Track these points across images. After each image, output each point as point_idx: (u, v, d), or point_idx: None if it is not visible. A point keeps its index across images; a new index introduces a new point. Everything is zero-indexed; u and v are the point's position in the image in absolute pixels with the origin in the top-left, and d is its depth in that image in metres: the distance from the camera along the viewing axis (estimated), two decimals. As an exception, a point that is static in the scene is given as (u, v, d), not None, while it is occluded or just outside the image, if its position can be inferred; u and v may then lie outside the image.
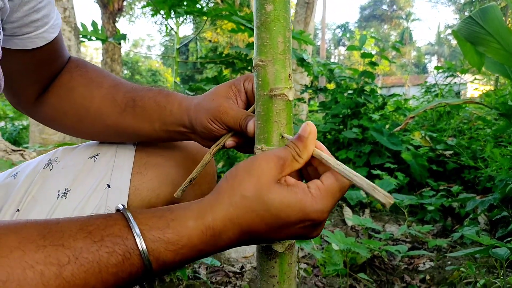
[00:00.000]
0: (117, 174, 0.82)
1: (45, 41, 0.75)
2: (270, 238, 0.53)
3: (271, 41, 0.56)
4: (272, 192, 0.50)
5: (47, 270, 0.42)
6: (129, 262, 0.46)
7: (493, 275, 1.47)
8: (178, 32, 3.44)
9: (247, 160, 0.54)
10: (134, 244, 0.47)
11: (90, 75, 0.84)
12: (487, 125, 3.31)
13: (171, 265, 0.49)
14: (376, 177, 2.96)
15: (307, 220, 0.51)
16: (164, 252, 0.48)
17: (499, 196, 2.02)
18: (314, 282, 1.66)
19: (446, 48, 46.28)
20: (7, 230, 0.45)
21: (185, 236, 0.49)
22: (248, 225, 0.51)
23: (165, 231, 0.48)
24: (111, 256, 0.45)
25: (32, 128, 3.80)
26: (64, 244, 0.45)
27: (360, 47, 3.84)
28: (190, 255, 0.50)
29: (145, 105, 0.77)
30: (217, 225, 0.50)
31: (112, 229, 0.48)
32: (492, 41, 1.89)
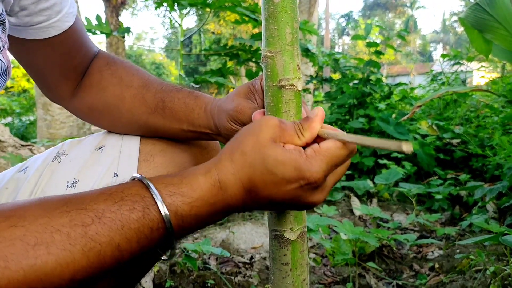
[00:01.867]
0: (124, 162, 0.83)
1: (60, 30, 0.76)
2: (270, 199, 0.54)
3: (279, 32, 0.56)
4: (268, 148, 0.52)
5: (72, 232, 0.44)
6: (149, 217, 0.48)
7: (502, 262, 1.47)
8: (182, 25, 3.44)
9: (250, 124, 0.57)
10: (152, 200, 0.49)
11: (120, 73, 0.85)
12: (495, 112, 3.28)
13: (188, 219, 0.51)
14: (383, 167, 2.96)
15: (301, 179, 0.52)
16: (181, 206, 0.50)
17: (508, 184, 2.02)
18: (323, 272, 1.67)
19: (452, 36, 45.86)
20: (30, 203, 0.47)
21: (198, 189, 0.52)
22: (247, 179, 0.53)
23: (180, 186, 0.51)
24: (131, 213, 0.48)
25: (40, 123, 3.82)
26: (87, 207, 0.47)
27: (365, 36, 3.82)
28: (204, 210, 0.52)
29: (175, 107, 0.79)
30: (221, 179, 0.53)
31: (131, 190, 0.50)
32: (500, 28, 1.88)
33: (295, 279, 0.62)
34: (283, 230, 0.61)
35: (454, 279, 1.48)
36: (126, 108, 0.83)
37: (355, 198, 2.68)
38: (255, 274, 1.60)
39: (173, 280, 1.49)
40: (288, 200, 0.54)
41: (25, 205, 0.46)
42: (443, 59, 4.60)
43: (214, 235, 2.04)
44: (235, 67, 4.19)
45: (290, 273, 0.62)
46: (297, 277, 0.62)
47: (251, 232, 2.11)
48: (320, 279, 1.60)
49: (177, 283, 1.48)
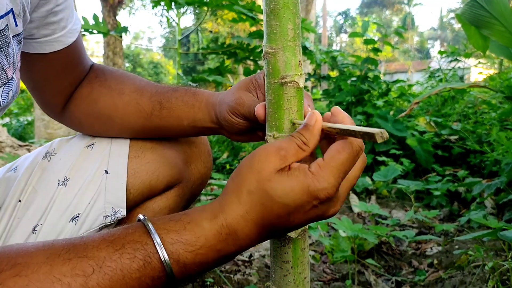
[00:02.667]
0: (114, 159, 0.83)
1: (63, 45, 0.76)
2: (286, 227, 0.53)
3: (281, 28, 0.56)
4: (272, 182, 0.51)
5: (73, 282, 0.44)
6: (150, 266, 0.48)
7: (501, 258, 1.48)
8: (179, 24, 3.43)
9: (249, 156, 0.55)
10: (153, 248, 0.48)
11: (109, 83, 0.85)
12: (492, 109, 3.29)
13: (192, 266, 0.50)
14: (382, 164, 2.97)
15: (314, 199, 0.51)
16: (184, 254, 0.49)
17: (506, 180, 2.02)
18: (323, 269, 1.67)
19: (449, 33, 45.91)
20: (36, 249, 0.47)
21: (202, 237, 0.50)
22: (260, 218, 0.51)
23: (182, 233, 0.50)
24: (132, 262, 0.47)
25: (37, 124, 3.81)
26: (88, 255, 0.46)
27: (363, 34, 3.82)
28: (210, 256, 0.51)
29: (172, 106, 0.79)
30: (230, 223, 0.51)
31: (132, 236, 0.49)
32: (497, 24, 1.88)
33: (296, 277, 0.62)
34: (284, 227, 0.61)
35: (453, 275, 1.49)
36: (119, 116, 0.83)
37: (353, 195, 2.68)
38: (254, 272, 1.60)
39: (173, 278, 1.49)
40: (305, 221, 0.53)
41: (31, 251, 0.47)
42: (440, 56, 4.60)
43: (213, 233, 2.04)
44: (233, 66, 4.19)
45: (292, 271, 0.62)
46: (298, 275, 0.62)
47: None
48: (320, 277, 1.60)
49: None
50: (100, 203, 0.80)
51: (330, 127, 0.54)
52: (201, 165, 0.96)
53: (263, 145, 0.56)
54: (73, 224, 0.78)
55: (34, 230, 0.77)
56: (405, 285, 1.52)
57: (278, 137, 0.59)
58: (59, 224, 0.77)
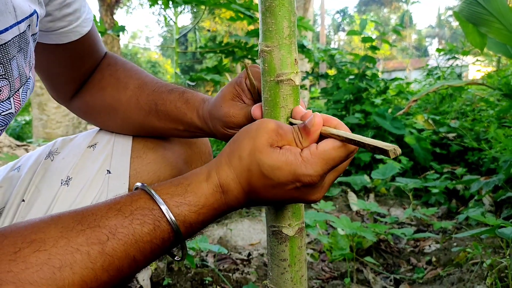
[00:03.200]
0: (116, 159, 0.84)
1: (79, 35, 0.77)
2: (268, 198, 0.56)
3: (277, 26, 0.56)
4: (263, 154, 0.53)
5: (91, 250, 0.47)
6: (160, 229, 0.51)
7: (499, 255, 1.48)
8: (177, 22, 3.42)
9: (250, 124, 0.57)
10: (160, 212, 0.51)
11: (119, 74, 0.86)
12: (490, 106, 3.29)
13: (195, 225, 0.54)
14: (380, 162, 2.97)
15: (297, 181, 0.53)
16: (189, 214, 0.53)
17: (504, 177, 2.02)
18: (321, 267, 1.68)
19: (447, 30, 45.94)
20: (46, 224, 0.49)
21: (202, 196, 0.54)
22: (247, 183, 0.55)
23: (185, 196, 0.53)
24: (143, 227, 0.50)
25: (35, 123, 3.80)
26: (100, 224, 0.49)
27: (361, 32, 3.82)
28: (209, 214, 0.55)
29: (167, 110, 0.79)
30: (222, 183, 0.55)
31: (138, 203, 0.52)
32: (494, 21, 1.88)
33: (293, 275, 0.62)
34: (281, 226, 0.61)
35: (451, 272, 1.49)
36: (122, 110, 0.84)
37: (352, 193, 2.68)
38: (252, 271, 1.60)
39: (171, 277, 1.49)
40: (286, 199, 0.56)
41: (43, 227, 0.48)
42: (438, 54, 4.61)
43: (211, 233, 2.04)
44: (231, 64, 4.19)
45: (289, 269, 0.62)
46: (295, 273, 0.62)
47: (248, 229, 2.11)
48: (318, 275, 1.60)
49: (175, 281, 1.48)
50: None
51: (336, 134, 0.53)
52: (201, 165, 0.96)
53: (263, 118, 0.58)
54: None
55: None
56: (403, 282, 1.52)
57: (274, 135, 0.59)
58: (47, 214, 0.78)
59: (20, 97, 0.62)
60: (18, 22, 0.57)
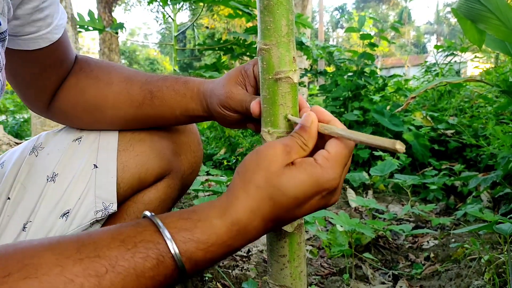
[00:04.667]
0: (103, 153, 0.82)
1: (48, 42, 0.74)
2: (292, 218, 0.55)
3: (275, 24, 0.56)
4: (283, 177, 0.52)
5: (86, 282, 0.44)
6: (163, 265, 0.48)
7: (497, 251, 1.49)
8: (175, 20, 3.42)
9: (254, 152, 0.55)
10: (166, 247, 0.48)
11: (96, 73, 0.84)
12: (488, 103, 3.30)
13: (202, 263, 0.51)
14: (378, 158, 2.98)
15: (323, 190, 0.53)
16: (196, 252, 0.49)
17: (502, 173, 2.03)
18: (320, 263, 1.68)
19: (446, 27, 45.91)
20: (43, 248, 0.46)
21: (213, 234, 0.50)
22: (269, 212, 0.52)
23: (194, 232, 0.50)
24: (146, 261, 0.47)
25: (34, 121, 3.80)
26: (100, 254, 0.46)
27: (359, 29, 3.82)
28: (220, 252, 0.51)
29: (164, 96, 0.78)
30: (240, 219, 0.51)
31: (143, 235, 0.49)
32: (493, 18, 1.88)
33: (292, 271, 0.62)
34: (280, 222, 0.62)
35: (449, 268, 1.50)
36: (110, 106, 0.82)
37: (350, 190, 2.69)
38: (252, 267, 1.61)
39: (171, 274, 1.50)
40: (311, 211, 0.55)
41: (39, 251, 0.46)
42: (437, 51, 4.61)
43: (211, 229, 2.05)
44: (230, 62, 4.18)
45: (288, 265, 0.62)
46: (294, 268, 0.63)
47: (248, 226, 2.12)
48: (317, 271, 1.61)
49: (175, 277, 1.48)
50: (90, 198, 0.79)
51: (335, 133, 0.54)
52: (191, 155, 0.95)
53: (267, 143, 0.56)
54: (63, 220, 0.77)
55: (24, 228, 0.76)
56: (402, 278, 1.53)
57: (273, 132, 0.59)
58: (49, 220, 0.77)
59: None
60: None
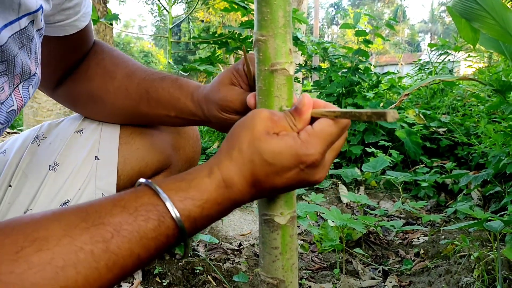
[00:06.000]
0: (104, 145, 0.83)
1: (76, 29, 0.76)
2: (274, 187, 0.55)
3: (272, 15, 0.56)
4: (263, 142, 0.53)
5: (95, 248, 0.45)
6: (164, 225, 0.50)
7: (486, 248, 1.50)
8: (170, 12, 3.40)
9: (243, 117, 0.57)
10: (164, 208, 0.50)
11: (105, 63, 0.85)
12: (481, 102, 3.32)
13: (200, 220, 0.53)
14: (371, 155, 2.98)
15: (300, 163, 0.53)
16: (193, 209, 0.52)
17: (493, 172, 2.05)
18: (311, 258, 1.69)
19: (440, 26, 46.07)
20: (49, 220, 0.47)
21: (206, 191, 0.53)
22: (250, 175, 0.54)
23: (189, 191, 0.52)
24: (147, 223, 0.49)
25: (26, 111, 3.77)
26: (104, 222, 0.48)
27: (354, 25, 3.82)
28: (213, 209, 0.54)
29: (160, 97, 0.79)
30: (225, 178, 0.54)
31: (142, 199, 0.51)
32: (487, 17, 1.89)
33: (284, 263, 0.63)
34: (273, 214, 0.62)
35: (438, 264, 1.51)
36: (110, 101, 0.83)
37: (342, 186, 2.70)
38: (243, 261, 1.61)
39: (162, 266, 1.50)
40: (291, 184, 0.56)
41: (45, 224, 0.47)
42: (430, 49, 4.62)
43: (203, 223, 2.05)
44: (224, 55, 4.17)
45: (280, 257, 0.62)
46: (286, 261, 0.63)
47: (239, 220, 2.12)
48: (308, 265, 1.62)
49: (166, 270, 1.48)
50: (91, 189, 0.80)
51: (329, 112, 0.55)
52: (189, 150, 0.97)
53: (254, 109, 0.58)
54: None
55: None
56: (391, 274, 1.54)
57: (268, 124, 0.59)
58: (49, 209, 0.77)
59: (21, 93, 0.60)
60: (19, 18, 0.56)
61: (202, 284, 1.43)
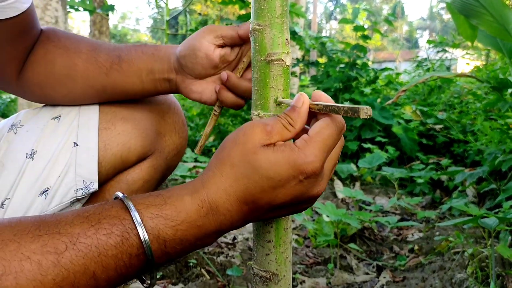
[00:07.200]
0: (83, 132, 0.80)
1: (17, 11, 0.73)
2: (270, 204, 0.51)
3: (269, 4, 0.55)
4: (258, 154, 0.49)
5: (44, 260, 0.41)
6: (128, 243, 0.45)
7: (480, 245, 1.50)
8: (167, 4, 3.37)
9: (233, 132, 0.53)
10: (131, 223, 0.45)
11: (64, 43, 0.82)
12: (478, 99, 3.33)
13: (172, 244, 0.48)
14: (367, 151, 2.99)
15: (300, 174, 0.49)
16: (164, 229, 0.47)
17: (488, 169, 2.05)
18: (305, 253, 1.69)
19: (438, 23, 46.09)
20: (2, 225, 0.44)
21: (183, 211, 0.48)
22: (242, 192, 0.49)
23: (163, 208, 0.47)
24: (109, 238, 0.44)
25: (20, 101, 3.74)
26: (61, 231, 0.44)
27: (353, 21, 3.81)
28: (191, 232, 0.48)
29: (132, 58, 0.77)
30: (211, 198, 0.49)
31: (109, 212, 0.47)
32: (486, 14, 1.88)
33: (278, 257, 0.62)
34: (267, 207, 0.61)
35: (432, 261, 1.51)
36: (80, 75, 0.80)
37: (338, 181, 2.70)
38: (237, 255, 1.61)
39: (156, 259, 1.49)
40: (290, 200, 0.51)
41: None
42: (429, 45, 4.62)
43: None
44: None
45: (274, 250, 0.62)
46: (280, 254, 0.62)
47: (234, 213, 2.12)
48: (302, 260, 1.62)
49: (160, 262, 1.48)
50: (71, 176, 0.77)
51: (313, 104, 0.54)
52: (176, 136, 0.94)
53: (248, 122, 0.55)
54: (43, 198, 0.75)
55: (3, 205, 0.74)
56: (385, 269, 1.54)
57: (263, 116, 0.58)
58: (28, 198, 0.75)
59: None
60: None
61: (195, 277, 1.42)
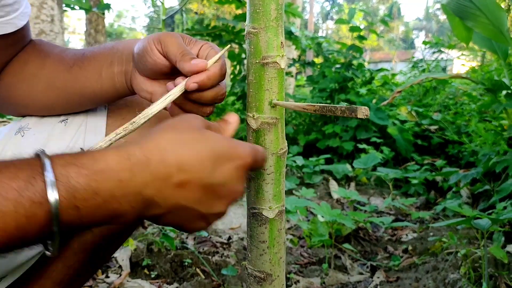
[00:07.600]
0: (90, 137, 0.80)
1: (14, 28, 0.75)
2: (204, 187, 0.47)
3: (264, 8, 0.55)
4: (205, 130, 0.50)
5: None
6: (33, 189, 0.40)
7: (473, 245, 1.52)
8: (164, 3, 3.37)
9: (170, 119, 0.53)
10: (39, 168, 0.41)
11: (43, 47, 0.84)
12: (472, 100, 3.34)
13: (83, 195, 0.41)
14: (362, 151, 2.99)
15: (238, 158, 0.49)
16: (75, 177, 0.41)
17: (482, 170, 2.06)
18: (300, 253, 1.69)
19: (434, 24, 46.22)
20: None
21: (101, 160, 0.43)
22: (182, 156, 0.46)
23: (79, 157, 0.43)
24: (12, 181, 0.40)
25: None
26: None
27: (349, 21, 3.82)
28: (107, 186, 0.42)
29: (95, 54, 0.77)
30: (145, 152, 0.45)
31: (21, 160, 0.44)
32: (481, 16, 1.90)
33: (272, 257, 0.62)
34: (261, 208, 0.62)
35: (426, 261, 1.52)
36: (45, 73, 0.80)
37: (333, 181, 2.70)
38: (232, 254, 1.61)
39: (150, 258, 1.49)
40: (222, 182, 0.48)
41: None
42: (424, 46, 4.64)
43: (193, 215, 2.04)
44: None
45: (268, 251, 0.62)
46: (274, 254, 0.62)
47: (229, 213, 2.11)
48: (297, 260, 1.62)
49: (155, 262, 1.48)
50: None
51: (309, 105, 0.55)
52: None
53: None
54: None
55: None
56: (379, 269, 1.55)
57: (258, 117, 0.59)
58: None
59: None
60: None
61: (190, 276, 1.42)
